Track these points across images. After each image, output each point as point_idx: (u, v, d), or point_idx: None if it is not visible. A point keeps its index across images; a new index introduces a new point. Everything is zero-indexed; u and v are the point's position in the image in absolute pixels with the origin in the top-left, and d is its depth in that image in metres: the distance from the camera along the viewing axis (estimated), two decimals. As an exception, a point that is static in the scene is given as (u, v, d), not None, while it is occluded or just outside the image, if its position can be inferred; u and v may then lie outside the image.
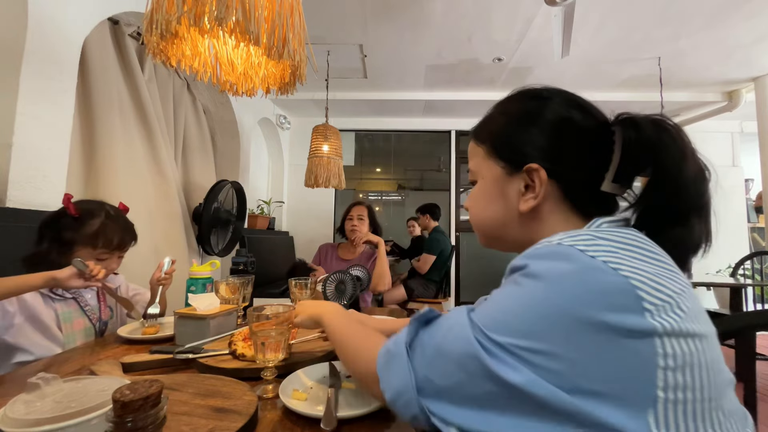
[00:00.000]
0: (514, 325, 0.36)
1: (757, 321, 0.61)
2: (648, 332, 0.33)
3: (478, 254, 4.14)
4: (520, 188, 0.49)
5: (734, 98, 3.29)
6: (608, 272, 0.35)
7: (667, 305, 0.34)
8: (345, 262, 1.93)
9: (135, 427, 0.34)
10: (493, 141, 0.53)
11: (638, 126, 0.45)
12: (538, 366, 0.34)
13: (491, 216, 0.53)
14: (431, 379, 0.40)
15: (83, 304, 1.03)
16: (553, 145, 0.48)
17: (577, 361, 0.34)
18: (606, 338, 0.33)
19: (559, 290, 0.36)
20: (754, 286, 3.09)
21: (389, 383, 0.43)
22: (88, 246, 1.01)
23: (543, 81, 2.63)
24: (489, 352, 0.36)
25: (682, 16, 2.28)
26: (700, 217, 0.45)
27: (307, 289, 1.15)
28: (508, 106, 0.54)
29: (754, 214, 4.42)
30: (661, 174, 0.44)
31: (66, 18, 1.44)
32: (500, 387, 0.35)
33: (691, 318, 0.35)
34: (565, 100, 0.50)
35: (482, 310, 0.40)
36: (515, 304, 0.38)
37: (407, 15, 2.32)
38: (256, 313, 0.66)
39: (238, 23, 0.76)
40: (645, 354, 0.33)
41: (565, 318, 0.34)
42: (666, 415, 0.33)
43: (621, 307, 0.34)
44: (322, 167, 2.66)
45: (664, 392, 0.33)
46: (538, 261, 0.38)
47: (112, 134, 1.81)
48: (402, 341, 0.45)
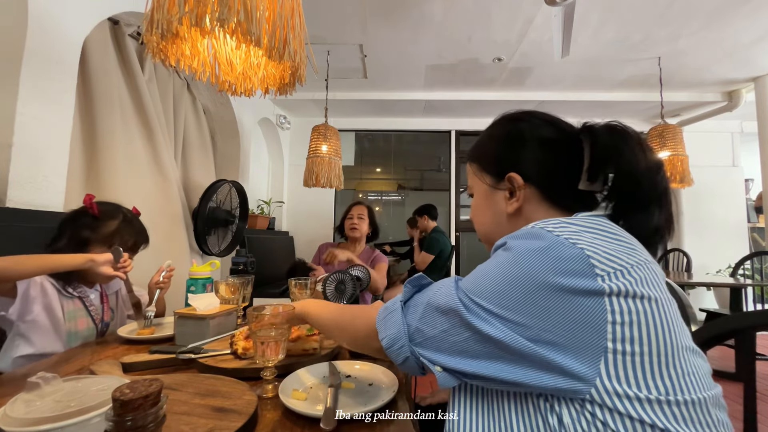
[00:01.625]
0: (489, 288, 0.44)
1: (757, 321, 0.61)
2: (598, 292, 0.40)
3: (478, 254, 4.14)
4: (505, 195, 0.58)
5: (734, 98, 3.29)
6: (567, 245, 0.43)
7: (618, 272, 0.41)
8: (345, 262, 1.93)
9: (135, 426, 0.34)
10: (480, 159, 0.63)
11: (595, 133, 0.54)
12: (508, 320, 0.42)
13: (486, 222, 0.63)
14: (421, 329, 0.49)
15: (88, 304, 1.04)
16: (528, 157, 0.57)
17: (539, 316, 0.41)
18: (562, 298, 0.41)
19: (526, 260, 0.43)
20: (754, 286, 3.09)
21: (386, 333, 0.52)
22: (104, 246, 1.03)
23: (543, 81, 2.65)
24: (468, 309, 0.45)
25: (682, 16, 2.28)
26: (661, 205, 0.51)
27: (307, 289, 1.16)
28: (491, 130, 0.64)
29: (754, 214, 4.42)
30: (619, 171, 0.52)
31: (66, 18, 1.44)
32: (476, 334, 0.43)
33: (642, 283, 0.41)
34: (538, 120, 0.59)
35: (467, 278, 0.49)
36: (492, 272, 0.46)
37: (407, 15, 2.32)
38: (256, 313, 0.66)
39: (239, 24, 0.76)
40: (595, 310, 0.40)
41: (530, 281, 0.42)
42: (615, 364, 0.39)
43: (575, 272, 0.41)
44: (322, 167, 2.67)
45: (613, 343, 0.39)
46: (515, 240, 0.47)
47: (112, 134, 1.81)
48: (398, 300, 0.54)
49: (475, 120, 4.03)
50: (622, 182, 0.52)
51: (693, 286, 3.58)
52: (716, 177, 3.90)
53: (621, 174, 0.52)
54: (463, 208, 4.13)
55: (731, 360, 2.59)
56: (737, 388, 0.42)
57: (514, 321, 0.42)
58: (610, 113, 3.67)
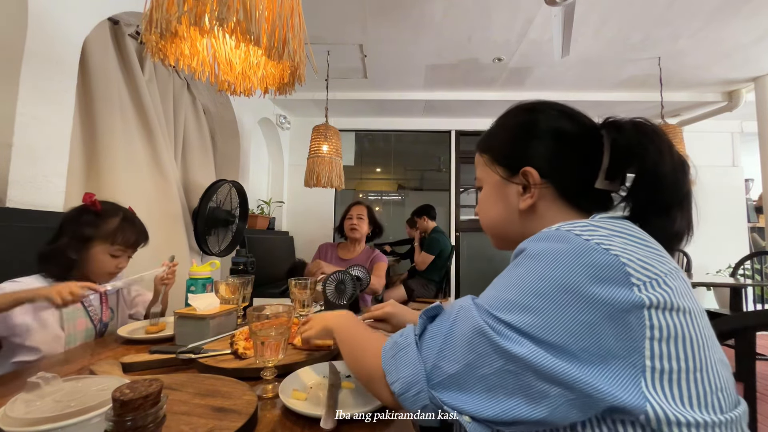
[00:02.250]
0: (515, 301, 0.39)
1: (757, 321, 0.61)
2: (637, 305, 0.36)
3: (478, 254, 4.14)
4: (518, 190, 0.55)
5: (734, 98, 3.29)
6: (600, 251, 0.38)
7: (654, 282, 0.37)
8: (345, 262, 1.93)
9: (134, 426, 0.34)
10: (493, 150, 0.59)
11: (620, 128, 0.51)
12: (538, 338, 0.37)
13: (495, 216, 0.59)
14: (441, 366, 0.42)
15: (87, 304, 1.04)
16: (544, 151, 0.53)
17: (573, 332, 0.36)
18: (598, 310, 0.36)
19: (554, 266, 0.39)
20: (754, 286, 3.08)
21: (397, 375, 0.44)
22: (106, 242, 1.03)
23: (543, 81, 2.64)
24: (495, 330, 0.39)
25: (682, 16, 2.28)
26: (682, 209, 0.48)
27: (307, 289, 1.16)
28: (505, 120, 0.60)
29: (754, 214, 4.42)
30: (643, 171, 0.48)
31: (66, 18, 1.44)
32: (507, 360, 0.37)
33: (678, 294, 0.38)
34: (554, 112, 0.56)
35: (486, 293, 0.44)
36: (516, 283, 0.41)
37: (407, 15, 2.32)
38: (256, 313, 0.66)
39: (238, 23, 0.76)
40: (634, 325, 0.36)
41: (560, 292, 0.37)
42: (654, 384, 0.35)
43: (610, 281, 0.37)
44: (322, 167, 2.66)
45: (651, 361, 0.35)
46: (537, 243, 0.42)
47: (112, 134, 1.81)
48: (410, 333, 0.47)
49: (475, 120, 4.03)
50: (645, 183, 0.48)
51: (693, 286, 3.57)
52: (716, 177, 3.90)
53: (644, 174, 0.48)
54: (463, 208, 4.13)
55: (731, 360, 2.59)
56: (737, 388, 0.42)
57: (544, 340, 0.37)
58: (610, 113, 3.60)
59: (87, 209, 1.04)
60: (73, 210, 1.05)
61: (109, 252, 1.04)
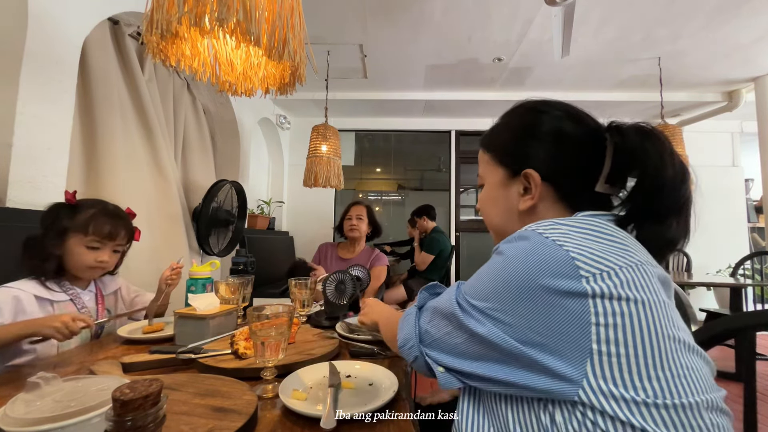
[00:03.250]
0: (481, 290, 0.47)
1: (757, 321, 0.61)
2: (581, 293, 0.40)
3: (478, 254, 4.14)
4: (519, 191, 0.56)
5: (734, 98, 3.29)
6: (553, 247, 0.43)
7: (605, 273, 0.41)
8: (345, 262, 1.93)
9: (134, 426, 0.34)
10: (496, 149, 0.60)
11: (623, 133, 0.52)
12: (498, 320, 0.44)
13: (497, 215, 0.61)
14: (429, 331, 0.52)
15: (80, 306, 1.03)
16: (546, 153, 0.54)
17: (526, 317, 0.42)
18: (548, 299, 0.41)
19: (513, 261, 0.44)
20: (754, 286, 3.08)
21: (401, 333, 0.57)
22: (80, 233, 1.01)
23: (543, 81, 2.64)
24: (463, 310, 0.47)
25: (682, 16, 2.28)
26: (679, 216, 0.49)
27: (307, 289, 1.16)
28: (509, 118, 0.61)
29: (754, 214, 4.42)
30: (644, 176, 0.50)
31: (66, 18, 1.44)
32: (471, 336, 0.46)
33: (627, 285, 0.41)
34: (559, 113, 0.56)
35: (468, 281, 0.51)
36: (485, 274, 0.48)
37: (407, 15, 2.32)
38: (256, 313, 0.66)
39: (239, 24, 0.76)
40: (579, 312, 0.40)
41: (516, 283, 0.43)
42: (602, 366, 0.39)
43: (559, 274, 0.41)
44: (321, 167, 2.67)
45: (598, 345, 0.39)
46: (507, 243, 0.48)
47: (112, 134, 1.81)
48: (414, 306, 0.60)
49: (475, 120, 4.03)
50: (644, 188, 0.49)
51: (693, 286, 3.58)
52: (716, 177, 3.90)
53: (645, 180, 0.49)
54: (463, 208, 4.13)
55: (731, 360, 2.59)
56: (737, 388, 0.42)
57: (503, 321, 0.43)
58: (611, 113, 3.62)
59: (64, 204, 1.04)
60: (50, 205, 1.05)
61: (84, 243, 1.01)
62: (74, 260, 1.02)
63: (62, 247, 1.00)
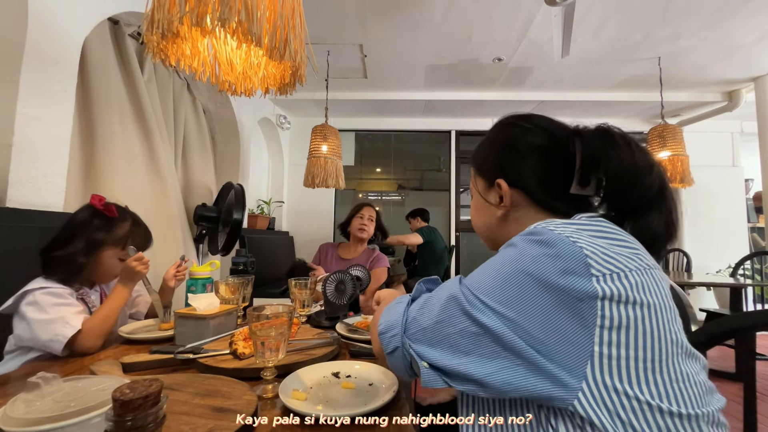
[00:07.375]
0: (488, 283, 0.45)
1: (757, 321, 0.61)
2: (591, 295, 0.40)
3: (478, 254, 4.13)
4: (496, 199, 0.60)
5: (734, 98, 3.29)
6: (567, 242, 0.43)
7: (615, 275, 0.41)
8: (345, 262, 1.93)
9: (135, 426, 0.34)
10: (476, 163, 0.66)
11: (583, 136, 0.55)
12: (503, 315, 0.42)
13: (481, 224, 0.65)
14: (417, 319, 0.50)
15: (90, 305, 1.04)
16: (516, 163, 0.58)
17: (531, 314, 0.41)
18: (554, 296, 0.41)
19: (524, 255, 0.44)
20: (754, 286, 3.09)
21: (385, 319, 0.54)
22: (116, 247, 1.03)
23: (543, 81, 2.64)
24: (467, 299, 0.45)
25: (682, 16, 2.28)
26: (660, 211, 0.51)
27: (307, 289, 1.16)
28: (489, 134, 0.66)
29: (754, 214, 4.42)
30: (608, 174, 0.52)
31: (66, 18, 1.44)
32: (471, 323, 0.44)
33: (638, 289, 0.41)
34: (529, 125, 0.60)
35: (471, 275, 0.50)
36: (493, 269, 0.47)
37: (407, 15, 2.32)
38: (256, 313, 0.66)
39: (240, 24, 0.76)
40: (586, 313, 0.39)
41: (524, 276, 0.43)
42: (602, 368, 0.39)
43: (570, 271, 0.41)
44: (321, 167, 2.67)
45: (600, 347, 0.39)
46: (518, 237, 0.48)
47: (111, 134, 1.81)
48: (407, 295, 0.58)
49: (475, 120, 4.03)
50: (613, 186, 0.52)
51: (693, 286, 3.58)
52: (716, 177, 3.89)
53: (611, 177, 0.52)
54: (463, 208, 4.13)
55: (731, 360, 2.59)
56: (737, 388, 0.42)
57: (507, 317, 0.42)
58: (610, 113, 3.67)
59: (97, 213, 1.02)
60: (83, 213, 1.03)
61: (119, 256, 1.04)
62: (104, 270, 1.03)
63: (93, 257, 1.00)
